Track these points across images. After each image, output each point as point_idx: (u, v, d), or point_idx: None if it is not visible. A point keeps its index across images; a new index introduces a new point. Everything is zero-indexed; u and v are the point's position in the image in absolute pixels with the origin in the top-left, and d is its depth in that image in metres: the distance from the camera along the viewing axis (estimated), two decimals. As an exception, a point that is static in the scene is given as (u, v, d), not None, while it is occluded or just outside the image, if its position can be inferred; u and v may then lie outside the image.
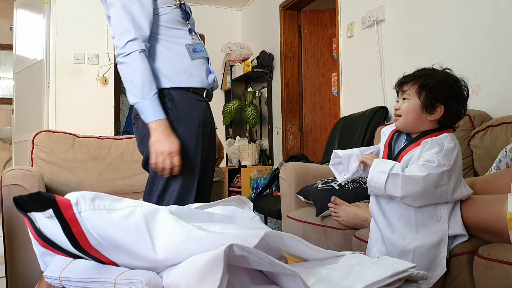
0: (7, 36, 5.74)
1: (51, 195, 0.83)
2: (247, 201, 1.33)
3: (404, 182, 1.38)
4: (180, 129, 1.62)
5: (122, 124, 5.03)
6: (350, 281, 0.82)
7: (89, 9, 3.94)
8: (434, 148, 1.42)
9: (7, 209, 1.85)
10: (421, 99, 1.46)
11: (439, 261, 1.44)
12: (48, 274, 0.94)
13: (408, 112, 1.47)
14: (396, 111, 1.51)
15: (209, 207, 1.24)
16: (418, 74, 1.50)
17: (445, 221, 1.45)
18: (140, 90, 1.56)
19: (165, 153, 1.55)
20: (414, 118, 1.47)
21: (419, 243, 1.43)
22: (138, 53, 1.56)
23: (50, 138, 2.38)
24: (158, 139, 1.56)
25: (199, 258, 0.75)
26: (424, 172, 1.38)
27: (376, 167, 1.43)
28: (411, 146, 1.49)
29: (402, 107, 1.49)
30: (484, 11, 2.44)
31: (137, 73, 1.55)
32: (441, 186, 1.40)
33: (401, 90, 1.51)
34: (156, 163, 1.57)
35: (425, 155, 1.42)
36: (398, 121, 1.51)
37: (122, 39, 1.56)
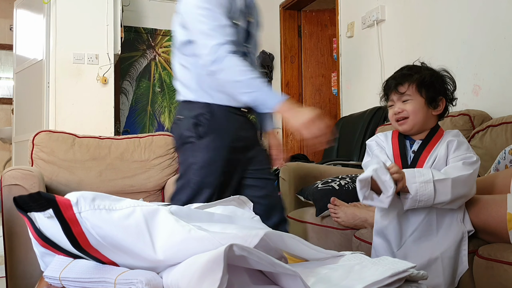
0: (7, 36, 5.74)
1: (51, 195, 0.83)
2: (247, 201, 1.33)
3: (454, 186, 1.32)
4: (213, 143, 1.61)
5: (122, 124, 5.03)
6: (350, 281, 0.82)
7: (89, 9, 3.94)
8: (463, 145, 1.40)
9: (7, 209, 1.85)
10: (423, 96, 1.44)
11: (461, 260, 1.42)
12: (48, 274, 0.94)
13: (416, 112, 1.43)
14: (399, 114, 1.45)
15: (209, 207, 1.24)
16: (408, 73, 1.47)
17: (461, 218, 1.43)
18: (248, 84, 1.50)
19: (312, 120, 1.44)
20: (422, 117, 1.45)
21: (444, 247, 1.40)
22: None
23: (50, 138, 2.38)
24: (295, 115, 1.46)
25: (199, 258, 0.75)
26: (470, 170, 1.35)
27: (413, 179, 1.32)
28: (427, 148, 1.44)
29: (407, 109, 1.44)
30: (484, 11, 2.44)
31: (236, 72, 1.51)
32: (475, 181, 1.39)
33: (397, 93, 1.45)
34: (313, 135, 1.44)
35: (459, 154, 1.39)
36: (406, 123, 1.44)
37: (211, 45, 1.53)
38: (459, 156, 1.39)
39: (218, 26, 1.54)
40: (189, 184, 1.62)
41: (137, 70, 5.15)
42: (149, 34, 5.20)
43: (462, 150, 1.40)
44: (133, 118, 5.11)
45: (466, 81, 2.53)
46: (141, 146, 2.53)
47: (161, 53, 5.25)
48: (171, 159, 2.54)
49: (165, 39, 5.27)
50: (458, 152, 1.39)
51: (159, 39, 5.24)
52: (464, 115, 2.28)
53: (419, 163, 1.43)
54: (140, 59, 5.17)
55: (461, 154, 1.39)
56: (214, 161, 1.61)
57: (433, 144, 1.45)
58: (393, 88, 1.46)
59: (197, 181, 1.62)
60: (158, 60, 5.24)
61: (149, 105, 5.19)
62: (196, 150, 1.62)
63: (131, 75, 5.12)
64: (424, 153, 1.44)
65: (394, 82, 1.46)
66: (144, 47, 5.17)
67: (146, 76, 5.18)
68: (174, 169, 2.55)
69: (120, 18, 4.10)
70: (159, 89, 5.23)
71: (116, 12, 4.06)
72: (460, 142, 1.42)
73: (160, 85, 5.24)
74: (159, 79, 5.23)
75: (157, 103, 5.22)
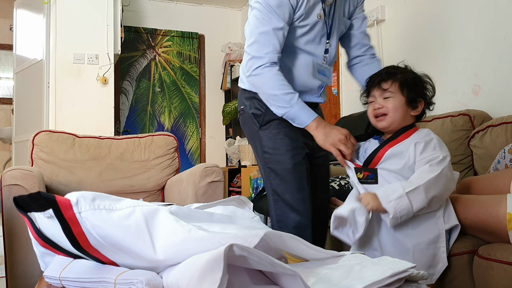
0: (7, 36, 5.74)
1: (51, 195, 0.83)
2: (247, 201, 1.33)
3: (427, 191, 1.35)
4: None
5: (122, 124, 5.03)
6: (350, 281, 0.82)
7: (89, 9, 3.94)
8: (429, 145, 1.42)
9: (7, 209, 1.85)
10: (404, 95, 1.46)
11: (439, 257, 1.44)
12: (48, 274, 0.94)
13: (396, 109, 1.46)
14: (379, 110, 1.47)
15: (209, 207, 1.24)
16: (393, 71, 1.50)
17: (440, 216, 1.45)
18: (282, 99, 1.57)
19: (340, 140, 1.54)
20: (401, 115, 1.47)
21: (417, 240, 1.42)
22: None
23: (50, 138, 2.38)
24: (325, 135, 1.56)
25: (199, 258, 0.75)
26: (437, 170, 1.37)
27: (387, 198, 1.35)
28: (386, 147, 1.47)
29: (387, 105, 1.46)
30: (484, 11, 2.44)
31: (270, 86, 1.58)
32: (451, 177, 1.41)
33: (380, 89, 1.47)
34: (337, 155, 1.56)
35: (425, 156, 1.41)
36: (385, 120, 1.47)
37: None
38: (426, 158, 1.40)
39: (264, 33, 1.56)
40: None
41: (137, 70, 5.15)
42: (149, 34, 5.20)
43: (429, 151, 1.41)
44: (133, 118, 5.11)
45: (466, 81, 2.53)
46: (141, 146, 2.53)
47: (161, 53, 5.25)
48: (171, 159, 2.54)
49: (165, 39, 5.27)
50: (425, 154, 1.41)
51: (159, 39, 5.25)
52: (464, 115, 2.28)
53: (377, 157, 1.47)
54: (140, 59, 5.17)
55: (427, 156, 1.41)
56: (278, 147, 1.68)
57: (397, 142, 1.47)
58: (376, 84, 1.49)
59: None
60: (158, 60, 5.24)
61: (149, 105, 5.19)
62: (261, 138, 1.71)
63: (131, 75, 5.12)
64: (381, 150, 1.48)
65: (378, 78, 1.49)
66: (144, 47, 5.17)
67: (146, 76, 5.18)
68: (174, 169, 2.55)
69: (120, 18, 4.10)
70: (159, 89, 5.23)
71: (116, 12, 4.06)
72: (427, 142, 1.43)
73: (160, 85, 5.24)
74: (159, 79, 5.23)
75: (157, 103, 5.22)
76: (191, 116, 5.37)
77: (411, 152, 1.43)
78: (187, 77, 5.37)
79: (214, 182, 2.15)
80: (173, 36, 5.31)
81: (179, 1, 5.28)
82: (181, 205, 1.13)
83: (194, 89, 5.39)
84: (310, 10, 1.61)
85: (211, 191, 2.14)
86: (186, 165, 4.73)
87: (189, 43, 5.37)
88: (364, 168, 1.50)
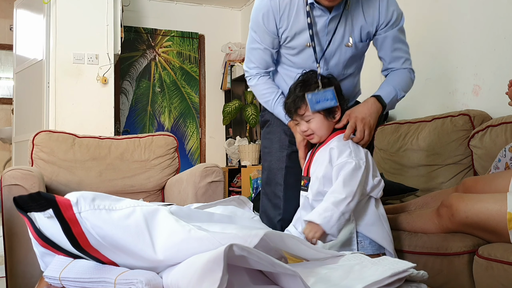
0: (7, 36, 5.74)
1: (51, 195, 0.83)
2: (247, 201, 1.33)
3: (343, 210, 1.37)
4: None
5: (122, 124, 5.03)
6: (350, 281, 0.82)
7: (89, 9, 3.94)
8: (344, 152, 1.45)
9: (7, 209, 1.85)
10: (321, 112, 1.51)
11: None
12: (48, 274, 0.94)
13: (319, 129, 1.52)
14: (306, 132, 1.53)
15: (209, 207, 1.24)
16: (299, 93, 1.53)
17: (353, 219, 1.46)
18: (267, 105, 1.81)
19: (298, 143, 1.65)
20: (326, 129, 1.53)
21: (330, 243, 1.44)
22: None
23: (50, 138, 2.38)
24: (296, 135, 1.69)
25: (199, 258, 0.75)
26: (353, 185, 1.39)
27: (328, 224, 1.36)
28: (319, 148, 1.54)
29: (311, 127, 1.52)
30: (484, 11, 2.44)
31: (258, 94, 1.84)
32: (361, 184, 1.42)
33: (298, 116, 1.53)
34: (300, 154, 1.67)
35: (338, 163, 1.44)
36: (314, 138, 1.54)
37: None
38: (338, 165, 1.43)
39: (251, 49, 1.77)
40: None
41: (137, 70, 5.15)
42: (149, 34, 5.20)
43: (343, 157, 1.44)
44: (133, 118, 5.11)
45: (466, 81, 2.53)
46: (141, 146, 2.53)
47: (161, 53, 5.25)
48: (171, 159, 2.54)
49: (165, 39, 5.27)
50: (338, 161, 1.44)
51: (159, 39, 5.24)
52: (464, 115, 2.28)
53: (306, 167, 1.55)
54: (140, 59, 5.17)
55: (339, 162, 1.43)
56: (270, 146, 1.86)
57: (319, 148, 1.54)
58: (293, 113, 1.55)
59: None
60: (158, 60, 5.24)
61: (149, 105, 5.19)
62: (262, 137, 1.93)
63: (131, 75, 5.12)
64: (309, 158, 1.56)
65: (293, 106, 1.54)
66: (144, 47, 5.17)
67: (146, 76, 5.18)
68: (174, 169, 2.55)
69: (120, 18, 4.10)
70: (159, 89, 5.23)
71: (116, 12, 4.06)
72: (341, 150, 1.46)
73: (160, 85, 5.24)
74: (159, 79, 5.23)
75: (157, 103, 5.22)
76: (191, 116, 5.37)
77: (326, 156, 1.47)
78: (187, 77, 5.37)
79: (214, 182, 2.15)
80: (173, 36, 5.31)
81: (179, 1, 5.28)
82: (181, 205, 1.14)
83: (194, 89, 5.39)
84: (296, 35, 1.68)
85: (211, 191, 2.14)
86: (186, 165, 4.73)
87: (189, 43, 5.37)
88: (303, 176, 1.57)
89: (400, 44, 1.73)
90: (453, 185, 2.17)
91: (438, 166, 2.30)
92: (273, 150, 1.84)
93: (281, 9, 1.65)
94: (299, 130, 1.57)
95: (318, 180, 1.47)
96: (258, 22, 1.69)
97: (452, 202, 1.55)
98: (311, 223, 1.37)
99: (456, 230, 1.57)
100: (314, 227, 1.36)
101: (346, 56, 1.71)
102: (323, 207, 1.37)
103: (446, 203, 1.57)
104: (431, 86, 2.77)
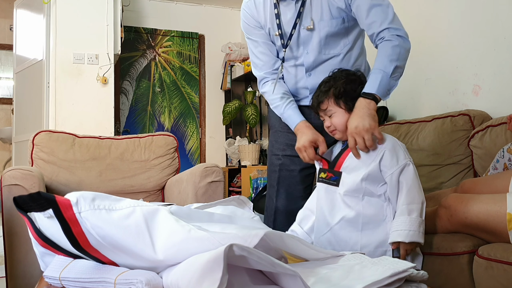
0: (7, 36, 5.74)
1: (51, 195, 0.83)
2: (247, 201, 1.33)
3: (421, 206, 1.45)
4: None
5: (122, 124, 5.03)
6: (350, 281, 0.82)
7: (89, 9, 3.94)
8: (397, 153, 1.47)
9: (7, 209, 1.85)
10: (342, 107, 1.53)
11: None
12: (48, 274, 0.94)
13: (341, 123, 1.53)
14: (329, 128, 1.57)
15: (209, 207, 1.24)
16: (324, 89, 1.56)
17: (389, 220, 1.46)
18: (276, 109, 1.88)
19: (298, 149, 1.69)
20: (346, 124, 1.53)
21: (365, 242, 1.45)
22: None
23: (50, 138, 2.38)
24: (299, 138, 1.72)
25: (199, 258, 0.75)
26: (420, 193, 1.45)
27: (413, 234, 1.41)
28: (346, 152, 1.54)
29: (333, 122, 1.54)
30: (484, 11, 2.44)
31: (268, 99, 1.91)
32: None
33: (321, 110, 1.57)
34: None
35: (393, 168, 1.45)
36: (337, 133, 1.56)
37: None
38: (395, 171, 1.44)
39: (252, 53, 1.89)
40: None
41: (137, 70, 5.15)
42: (149, 34, 5.20)
43: (401, 160, 1.46)
44: (133, 118, 5.11)
45: (466, 81, 2.53)
46: (141, 146, 2.53)
47: (161, 53, 5.25)
48: (171, 159, 2.54)
49: (165, 39, 5.27)
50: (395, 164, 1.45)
51: (159, 39, 5.24)
52: (464, 115, 2.28)
53: (338, 163, 1.54)
54: (140, 59, 5.17)
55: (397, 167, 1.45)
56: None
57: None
58: (316, 108, 1.59)
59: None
60: (158, 60, 5.24)
61: (149, 105, 5.19)
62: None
63: (131, 75, 5.12)
64: (343, 155, 1.54)
65: (316, 101, 1.58)
66: (144, 47, 5.17)
67: (146, 76, 5.18)
68: (174, 169, 2.55)
69: (120, 18, 4.10)
70: (159, 89, 5.23)
71: (116, 12, 4.05)
72: (393, 150, 1.47)
73: (160, 85, 5.23)
74: (159, 79, 5.23)
75: (157, 103, 5.22)
76: (191, 116, 5.37)
77: (375, 160, 1.46)
78: (187, 77, 5.37)
79: (214, 182, 2.15)
80: (173, 36, 5.30)
81: (179, 1, 5.28)
82: (181, 205, 1.13)
83: (194, 89, 5.39)
84: (271, 29, 1.81)
85: (211, 191, 2.14)
86: (186, 165, 4.73)
87: (189, 43, 5.37)
88: (330, 169, 1.56)
89: (374, 9, 1.69)
90: (453, 185, 2.17)
91: (438, 166, 2.30)
92: (271, 154, 1.95)
93: (257, 6, 1.82)
94: (325, 126, 1.59)
95: (359, 177, 1.46)
96: (243, 23, 1.88)
97: (451, 203, 1.55)
98: (402, 242, 1.40)
99: (455, 231, 1.57)
100: (403, 246, 1.41)
101: (321, 36, 1.76)
102: (406, 222, 1.41)
103: (445, 204, 1.57)
104: (431, 86, 2.77)
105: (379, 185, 1.46)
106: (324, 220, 1.54)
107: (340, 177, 1.51)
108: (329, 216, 1.52)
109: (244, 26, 1.89)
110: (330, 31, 1.75)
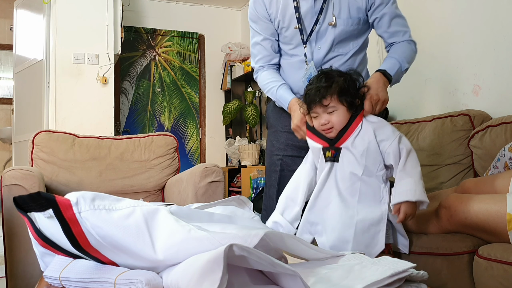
0: (7, 36, 5.74)
1: (51, 195, 0.83)
2: (247, 201, 1.33)
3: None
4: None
5: (122, 124, 5.03)
6: (350, 281, 0.82)
7: (89, 9, 3.94)
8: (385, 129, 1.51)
9: (7, 209, 1.85)
10: (345, 104, 1.50)
11: (377, 239, 1.46)
12: (48, 274, 0.94)
13: (341, 122, 1.50)
14: (326, 126, 1.50)
15: (209, 207, 1.24)
16: (327, 84, 1.51)
17: (385, 202, 1.47)
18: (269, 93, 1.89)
19: (293, 128, 1.69)
20: (345, 121, 1.51)
21: (361, 217, 1.45)
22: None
23: (50, 138, 2.38)
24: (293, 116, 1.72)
25: (199, 258, 0.75)
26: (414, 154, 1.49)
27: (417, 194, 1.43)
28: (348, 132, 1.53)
29: (332, 120, 1.50)
30: (484, 11, 2.44)
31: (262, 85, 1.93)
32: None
33: (322, 106, 1.50)
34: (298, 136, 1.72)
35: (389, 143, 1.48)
36: (333, 132, 1.51)
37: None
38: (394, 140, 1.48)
39: (253, 44, 1.90)
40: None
41: (137, 70, 5.15)
42: (149, 34, 5.20)
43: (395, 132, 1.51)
44: (133, 118, 5.11)
45: (466, 81, 2.53)
46: (141, 146, 2.53)
47: (161, 53, 5.25)
48: (171, 159, 2.54)
49: (165, 39, 5.27)
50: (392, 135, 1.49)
51: (159, 39, 5.24)
52: (464, 115, 2.28)
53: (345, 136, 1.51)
54: (140, 59, 5.17)
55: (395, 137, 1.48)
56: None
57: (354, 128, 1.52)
58: (317, 102, 1.51)
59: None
60: (158, 60, 5.24)
61: (149, 105, 5.19)
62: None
63: (131, 75, 5.12)
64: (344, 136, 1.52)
65: (318, 95, 1.50)
66: (144, 47, 5.17)
67: (146, 76, 5.18)
68: (174, 169, 2.55)
69: (120, 18, 4.10)
70: (159, 89, 5.23)
71: (116, 12, 4.06)
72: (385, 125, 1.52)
73: (160, 85, 5.24)
74: (159, 79, 5.23)
75: (157, 103, 5.22)
76: (191, 116, 5.37)
77: (371, 137, 1.49)
78: (187, 77, 5.37)
79: (214, 182, 2.15)
80: (173, 36, 5.31)
81: (179, 1, 5.28)
82: (181, 205, 1.13)
83: (194, 89, 5.39)
84: (287, 20, 1.78)
85: (211, 191, 2.14)
86: (186, 165, 4.73)
87: (189, 43, 5.37)
88: (331, 147, 1.53)
89: (396, 19, 1.81)
90: (453, 185, 2.17)
91: (438, 166, 2.30)
92: (268, 152, 1.97)
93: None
94: (317, 124, 1.54)
95: (359, 153, 1.48)
96: (252, 11, 1.85)
97: (450, 203, 1.55)
98: (407, 203, 1.42)
99: (455, 231, 1.57)
100: (407, 206, 1.42)
101: (335, 33, 1.76)
102: (411, 183, 1.43)
103: (445, 204, 1.57)
104: (431, 86, 2.77)
105: (378, 166, 1.48)
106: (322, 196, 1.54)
107: (340, 153, 1.51)
108: (328, 193, 1.52)
109: (251, 14, 1.86)
110: (344, 30, 1.76)
